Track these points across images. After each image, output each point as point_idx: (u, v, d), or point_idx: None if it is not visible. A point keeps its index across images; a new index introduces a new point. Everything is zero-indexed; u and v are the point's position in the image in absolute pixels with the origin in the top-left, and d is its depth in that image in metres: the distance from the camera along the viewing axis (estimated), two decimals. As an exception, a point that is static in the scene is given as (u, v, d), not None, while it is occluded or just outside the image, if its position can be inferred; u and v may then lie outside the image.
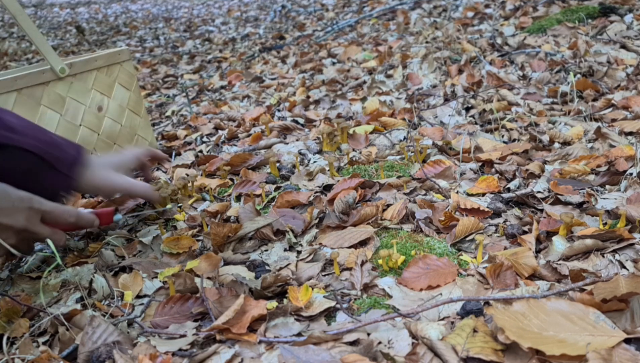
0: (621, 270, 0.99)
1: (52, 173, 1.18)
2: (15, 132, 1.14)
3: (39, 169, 1.17)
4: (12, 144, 1.12)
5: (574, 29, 2.91)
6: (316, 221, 1.28)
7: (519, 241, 1.12)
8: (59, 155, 1.19)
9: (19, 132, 1.14)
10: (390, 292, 0.99)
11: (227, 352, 0.85)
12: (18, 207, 1.05)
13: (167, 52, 5.59)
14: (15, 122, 1.16)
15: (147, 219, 1.44)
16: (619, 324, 0.81)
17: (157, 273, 1.15)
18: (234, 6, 8.78)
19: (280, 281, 1.03)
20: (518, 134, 1.74)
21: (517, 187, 1.36)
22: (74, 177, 1.22)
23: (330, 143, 1.76)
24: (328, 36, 4.65)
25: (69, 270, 1.18)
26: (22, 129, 1.16)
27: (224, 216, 1.38)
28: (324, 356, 0.80)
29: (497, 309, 0.84)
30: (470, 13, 3.89)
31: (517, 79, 2.33)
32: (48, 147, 1.18)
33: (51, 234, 1.12)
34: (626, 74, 2.14)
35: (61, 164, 1.19)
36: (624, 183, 1.30)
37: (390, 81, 2.64)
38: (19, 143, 1.13)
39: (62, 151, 1.20)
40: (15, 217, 1.04)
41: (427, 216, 1.24)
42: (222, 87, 3.44)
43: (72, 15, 10.34)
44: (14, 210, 1.04)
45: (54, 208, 1.12)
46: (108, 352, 0.87)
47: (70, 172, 1.21)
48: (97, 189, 1.29)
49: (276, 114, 2.35)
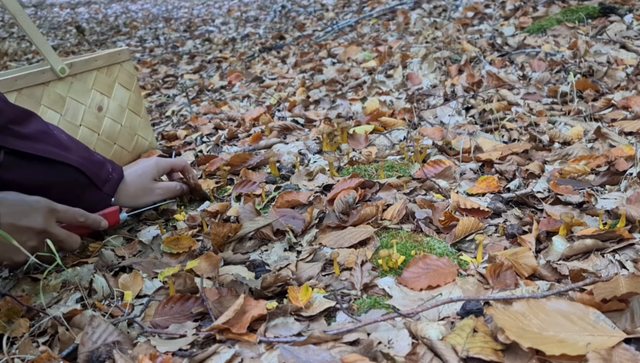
0: (621, 270, 0.99)
1: (92, 190, 1.28)
2: (66, 150, 1.22)
3: (83, 186, 1.26)
4: (62, 161, 1.21)
5: (574, 29, 2.91)
6: (316, 221, 1.28)
7: (519, 241, 1.12)
8: (102, 174, 1.29)
9: (69, 150, 1.23)
10: (390, 292, 0.99)
11: (227, 352, 0.85)
12: (35, 208, 1.08)
13: (167, 52, 5.60)
14: (66, 140, 1.25)
15: (147, 220, 1.44)
16: (619, 324, 0.81)
17: (157, 273, 1.15)
18: (234, 6, 8.78)
19: (280, 281, 1.03)
20: (518, 134, 1.74)
21: (517, 187, 1.36)
22: (112, 195, 1.32)
23: (330, 143, 1.76)
24: (328, 36, 4.65)
25: (69, 271, 1.18)
26: (72, 146, 1.25)
27: (224, 216, 1.38)
28: (324, 356, 0.80)
29: (497, 309, 0.84)
30: (470, 13, 3.89)
31: (517, 79, 2.33)
32: (92, 165, 1.27)
33: (68, 236, 1.16)
34: (626, 74, 2.14)
35: (102, 182, 1.29)
36: (624, 183, 1.30)
37: (390, 81, 2.64)
38: (68, 161, 1.21)
39: (105, 169, 1.30)
40: (34, 218, 1.07)
41: (427, 216, 1.24)
42: (222, 87, 3.44)
43: (72, 15, 10.34)
44: (32, 211, 1.08)
45: (65, 209, 1.16)
46: (108, 352, 0.87)
47: (111, 190, 1.32)
48: (131, 204, 1.39)
49: (276, 114, 2.35)
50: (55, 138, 1.22)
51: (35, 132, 1.19)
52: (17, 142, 1.15)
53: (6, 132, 1.14)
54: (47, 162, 1.19)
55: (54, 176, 1.21)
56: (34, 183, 1.17)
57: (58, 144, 1.22)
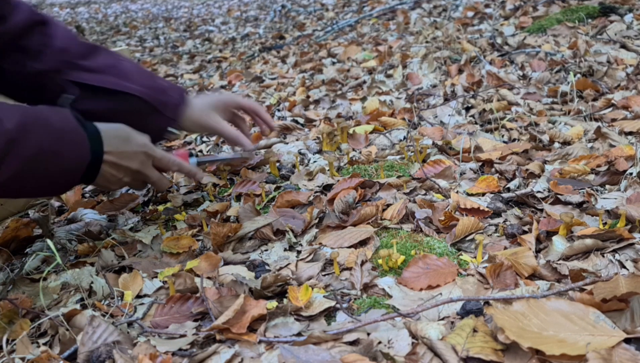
0: (621, 270, 0.99)
1: (156, 115, 1.35)
2: (128, 80, 1.31)
3: (146, 112, 1.33)
4: (124, 91, 1.30)
5: (574, 28, 2.91)
6: (316, 221, 1.28)
7: (518, 241, 1.12)
8: (164, 100, 1.36)
9: (131, 80, 1.32)
10: (390, 292, 0.99)
11: (227, 351, 0.85)
12: (136, 151, 1.21)
13: (167, 52, 5.60)
14: (129, 69, 1.34)
15: (147, 220, 1.44)
16: (618, 324, 0.81)
17: (157, 273, 1.15)
18: (234, 6, 8.77)
19: (280, 281, 1.03)
20: (518, 134, 1.74)
21: (517, 187, 1.36)
22: (176, 119, 1.38)
23: (330, 142, 1.76)
24: (328, 36, 4.65)
25: (68, 272, 1.18)
26: (136, 76, 1.33)
27: (224, 216, 1.38)
28: (324, 356, 0.80)
29: (497, 309, 0.84)
30: (470, 13, 3.89)
31: (517, 78, 2.33)
32: (155, 93, 1.34)
33: (159, 178, 1.30)
34: (626, 74, 2.14)
35: (165, 107, 1.36)
36: (624, 182, 1.30)
37: (390, 80, 2.64)
38: (129, 90, 1.30)
39: (167, 95, 1.37)
40: (133, 160, 1.21)
41: (427, 216, 1.24)
42: (222, 87, 3.44)
43: (72, 15, 10.34)
44: (133, 154, 1.21)
45: (162, 155, 1.28)
46: (108, 351, 0.87)
47: (173, 114, 1.38)
48: (195, 128, 1.45)
49: (276, 114, 2.35)
50: (120, 69, 1.32)
51: (102, 66, 1.30)
52: (86, 75, 1.27)
53: (76, 67, 1.27)
54: (112, 93, 1.29)
55: (119, 105, 1.30)
56: (103, 112, 1.27)
57: (122, 75, 1.31)
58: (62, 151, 1.08)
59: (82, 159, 1.12)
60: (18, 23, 1.23)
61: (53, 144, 1.07)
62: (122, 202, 1.55)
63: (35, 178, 1.07)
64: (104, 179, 1.20)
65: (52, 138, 1.07)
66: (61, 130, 1.09)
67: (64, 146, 1.09)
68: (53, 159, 1.07)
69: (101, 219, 1.49)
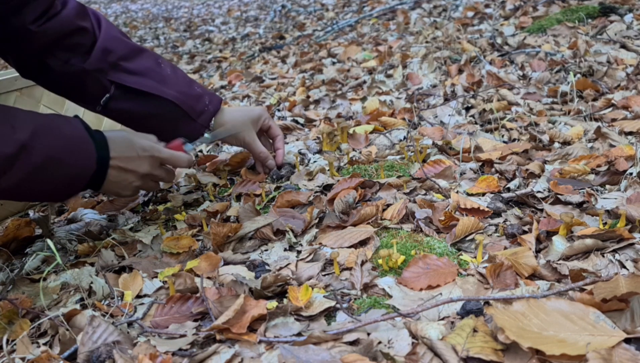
0: (621, 270, 0.99)
1: (189, 121, 1.40)
2: (166, 84, 1.36)
3: (179, 118, 1.39)
4: (161, 95, 1.34)
5: (574, 28, 2.91)
6: (316, 221, 1.28)
7: (519, 241, 1.12)
8: (198, 107, 1.41)
9: (168, 84, 1.36)
10: (390, 292, 0.99)
11: (227, 351, 0.85)
12: (142, 156, 1.24)
13: (167, 52, 5.60)
14: (168, 74, 1.38)
15: (147, 220, 1.44)
16: (619, 324, 0.81)
17: (157, 273, 1.15)
18: (234, 6, 8.77)
19: (280, 281, 1.03)
20: (518, 134, 1.74)
21: (517, 187, 1.36)
22: (208, 126, 1.44)
23: (330, 142, 1.76)
24: (328, 36, 4.65)
25: (68, 272, 1.18)
26: (173, 81, 1.38)
27: (224, 216, 1.38)
28: (324, 356, 0.80)
29: (497, 309, 0.84)
30: (470, 13, 3.89)
31: (517, 78, 2.33)
32: (190, 100, 1.39)
33: (167, 175, 1.34)
34: (626, 74, 2.14)
35: (199, 115, 1.41)
36: (624, 182, 1.30)
37: (390, 80, 2.64)
38: (164, 95, 1.35)
39: (202, 103, 1.42)
40: (141, 164, 1.24)
41: (427, 216, 1.24)
42: (222, 87, 3.44)
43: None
44: (138, 158, 1.23)
45: (170, 155, 1.31)
46: (108, 351, 0.86)
47: (206, 122, 1.43)
48: (227, 138, 1.49)
49: (276, 114, 2.35)
50: (159, 74, 1.36)
51: (142, 69, 1.34)
52: (125, 77, 1.32)
53: (117, 68, 1.31)
54: (147, 96, 1.34)
55: (154, 108, 1.36)
56: (136, 114, 1.36)
57: (160, 79, 1.36)
58: (69, 159, 1.11)
59: (88, 166, 1.15)
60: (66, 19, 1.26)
61: (61, 151, 1.09)
62: (122, 202, 1.55)
63: (41, 183, 1.10)
64: (114, 185, 1.22)
65: (61, 145, 1.09)
66: (70, 138, 1.11)
67: (71, 153, 1.11)
68: (60, 166, 1.09)
69: (101, 219, 1.49)
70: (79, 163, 1.13)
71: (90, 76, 1.30)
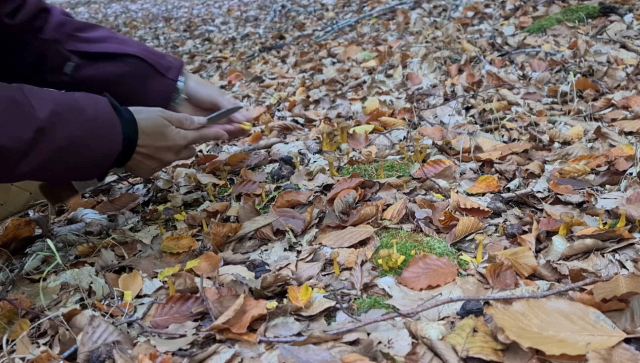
0: (621, 270, 0.99)
1: (158, 78, 1.41)
2: (127, 45, 1.40)
3: (147, 74, 1.40)
4: (125, 52, 1.38)
5: (574, 28, 2.91)
6: (316, 221, 1.28)
7: (518, 241, 1.12)
8: (164, 63, 1.43)
9: (128, 45, 1.40)
10: (390, 292, 0.99)
11: (227, 351, 0.85)
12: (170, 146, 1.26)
13: (167, 52, 5.59)
14: (126, 38, 1.45)
15: (147, 220, 1.44)
16: (619, 324, 0.81)
17: (157, 273, 1.15)
18: (234, 6, 8.77)
19: (280, 281, 1.03)
20: (518, 134, 1.74)
21: (517, 187, 1.36)
22: (176, 80, 1.43)
23: (330, 142, 1.76)
24: (328, 36, 4.65)
25: (68, 272, 1.18)
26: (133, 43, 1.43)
27: (224, 216, 1.38)
28: (324, 356, 0.80)
29: (497, 309, 0.84)
30: (470, 13, 3.89)
31: (517, 78, 2.33)
32: (154, 56, 1.42)
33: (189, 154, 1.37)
34: (626, 74, 2.14)
35: (166, 70, 1.42)
36: (624, 182, 1.30)
37: (390, 80, 2.64)
38: (129, 51, 1.38)
39: (166, 60, 1.44)
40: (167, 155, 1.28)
41: (427, 216, 1.24)
42: (222, 86, 3.44)
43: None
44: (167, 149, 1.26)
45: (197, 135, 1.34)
46: (108, 351, 0.86)
47: (173, 76, 1.43)
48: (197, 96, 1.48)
49: (276, 114, 2.35)
50: (118, 38, 1.41)
51: (100, 37, 1.39)
52: (85, 45, 1.36)
53: (74, 38, 1.36)
54: (112, 58, 1.37)
55: (121, 69, 1.38)
56: (105, 79, 1.37)
57: (120, 42, 1.40)
58: (93, 141, 1.11)
59: (113, 148, 1.15)
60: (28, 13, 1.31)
61: (85, 135, 1.09)
62: (122, 202, 1.55)
63: (65, 165, 1.10)
64: (137, 167, 1.25)
65: (85, 128, 1.09)
66: (94, 120, 1.11)
67: (95, 137, 1.11)
68: (83, 149, 1.10)
69: (101, 219, 1.49)
70: (104, 146, 1.13)
71: (49, 48, 1.33)
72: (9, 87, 1.02)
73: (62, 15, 1.39)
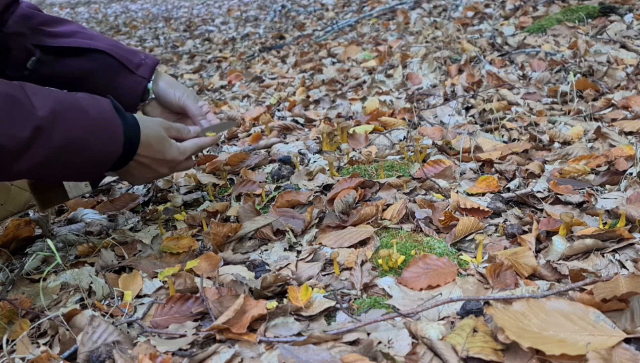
0: (621, 270, 0.99)
1: (127, 74, 1.36)
2: (95, 40, 1.35)
3: (115, 71, 1.35)
4: (92, 47, 1.33)
5: (574, 28, 2.91)
6: (316, 221, 1.28)
7: (519, 241, 1.12)
8: (135, 60, 1.37)
9: (96, 40, 1.35)
10: (390, 292, 0.99)
11: (227, 351, 0.85)
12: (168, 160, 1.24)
13: (167, 52, 5.59)
14: (94, 33, 1.39)
15: (147, 220, 1.44)
16: (619, 324, 0.81)
17: (157, 273, 1.15)
18: (234, 6, 8.77)
19: (280, 281, 1.03)
20: (518, 134, 1.74)
21: (517, 187, 1.36)
22: (149, 78, 1.38)
23: (330, 142, 1.76)
24: (328, 36, 4.65)
25: (68, 272, 1.18)
26: (101, 38, 1.37)
27: (224, 216, 1.38)
28: (324, 356, 0.80)
29: (497, 309, 0.84)
30: (470, 13, 3.89)
31: (517, 78, 2.33)
32: (123, 52, 1.36)
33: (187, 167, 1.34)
34: (626, 74, 2.14)
35: (136, 67, 1.37)
36: (624, 182, 1.30)
37: (390, 80, 2.64)
38: (97, 46, 1.33)
39: (138, 57, 1.38)
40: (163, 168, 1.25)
41: (427, 216, 1.24)
42: (222, 86, 3.44)
43: (72, 15, 10.34)
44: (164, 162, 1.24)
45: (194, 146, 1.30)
46: (108, 351, 0.87)
47: (145, 74, 1.37)
48: (167, 97, 1.41)
49: (276, 114, 2.35)
50: (86, 33, 1.36)
51: (67, 31, 1.34)
52: (50, 40, 1.31)
53: (39, 32, 1.31)
54: (79, 53, 1.33)
55: (87, 65, 1.33)
56: (71, 74, 1.33)
57: (88, 37, 1.35)
58: (93, 142, 1.08)
59: (114, 149, 1.13)
60: None
61: (85, 135, 1.07)
62: (122, 202, 1.55)
63: (63, 166, 1.08)
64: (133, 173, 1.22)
65: (86, 128, 1.07)
66: (95, 121, 1.09)
67: (96, 138, 1.09)
68: (83, 150, 1.07)
69: (101, 219, 1.49)
70: (104, 147, 1.11)
71: (12, 41, 1.29)
72: (9, 84, 1.02)
73: (29, 8, 1.33)
